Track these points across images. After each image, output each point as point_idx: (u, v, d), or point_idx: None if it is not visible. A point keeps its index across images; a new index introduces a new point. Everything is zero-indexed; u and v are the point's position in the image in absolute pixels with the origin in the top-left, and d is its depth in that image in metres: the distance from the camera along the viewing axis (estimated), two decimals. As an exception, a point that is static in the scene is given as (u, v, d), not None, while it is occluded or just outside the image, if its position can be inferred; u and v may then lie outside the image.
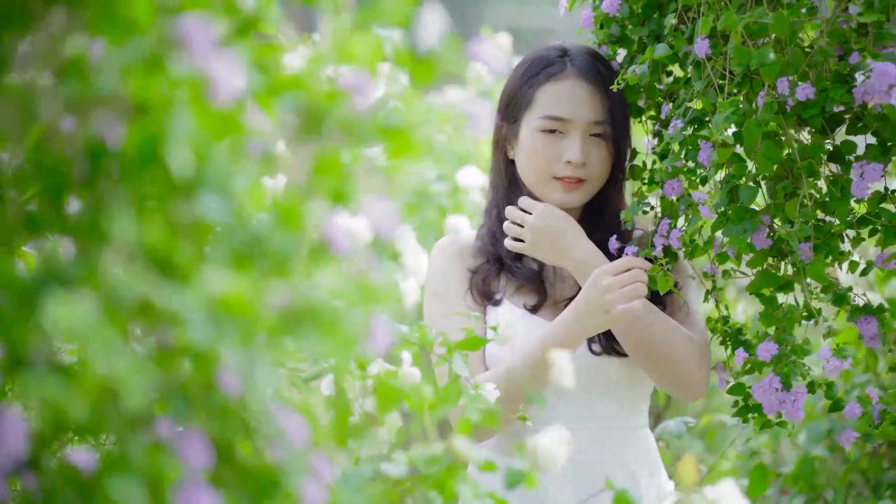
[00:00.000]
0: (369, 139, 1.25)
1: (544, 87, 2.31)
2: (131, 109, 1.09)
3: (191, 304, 1.11)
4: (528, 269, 2.35)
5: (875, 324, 2.13)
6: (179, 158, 1.11)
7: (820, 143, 2.08)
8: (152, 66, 1.09)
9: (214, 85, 1.13)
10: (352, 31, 1.28)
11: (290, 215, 1.22)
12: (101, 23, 1.09)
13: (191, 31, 1.11)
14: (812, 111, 2.03)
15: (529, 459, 1.55)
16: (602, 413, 2.32)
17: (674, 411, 4.08)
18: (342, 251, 1.23)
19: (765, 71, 2.01)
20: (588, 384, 2.30)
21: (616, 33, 2.31)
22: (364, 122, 1.24)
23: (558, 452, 1.55)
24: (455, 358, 1.79)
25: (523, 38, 10.47)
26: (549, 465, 1.55)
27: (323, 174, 1.22)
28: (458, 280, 2.35)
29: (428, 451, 1.57)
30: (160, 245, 1.12)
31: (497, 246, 2.36)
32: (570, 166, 2.30)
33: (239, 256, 1.15)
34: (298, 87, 1.23)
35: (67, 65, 1.10)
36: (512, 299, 2.34)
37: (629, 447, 2.34)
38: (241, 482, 1.17)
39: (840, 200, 2.08)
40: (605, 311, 2.17)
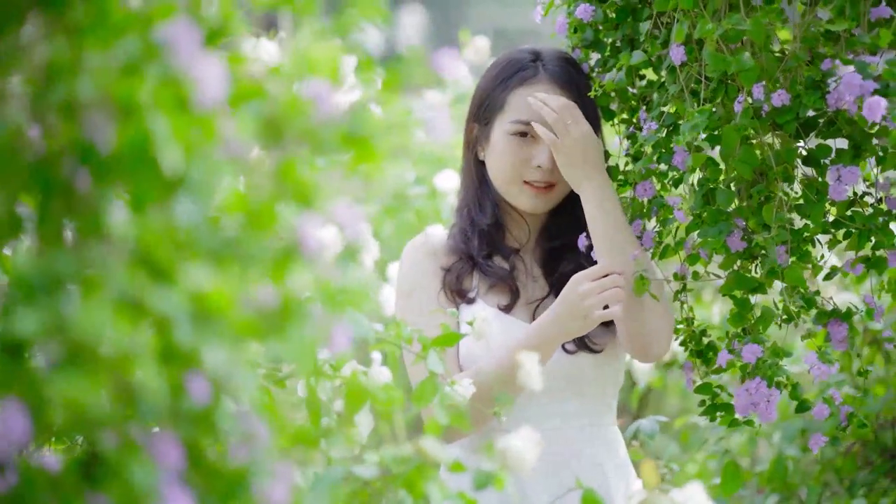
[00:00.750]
0: (331, 148, 1.28)
1: (517, 90, 2.33)
2: (116, 112, 1.12)
3: (178, 305, 1.14)
4: (500, 268, 2.37)
5: (845, 328, 2.16)
6: (170, 159, 1.14)
7: (794, 148, 2.11)
8: (137, 69, 1.12)
9: (200, 88, 1.16)
10: (313, 42, 1.31)
11: (260, 218, 1.25)
12: (86, 27, 1.12)
13: (176, 35, 1.14)
14: (787, 117, 2.06)
15: (499, 460, 1.57)
16: (574, 411, 2.34)
17: (651, 411, 4.11)
18: (313, 254, 1.26)
19: (742, 77, 2.04)
20: (561, 382, 2.33)
21: (589, 38, 2.33)
22: (326, 131, 1.27)
23: (528, 453, 1.57)
24: (431, 355, 1.81)
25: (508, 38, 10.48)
26: (519, 466, 1.57)
27: (286, 180, 1.25)
28: (430, 279, 2.36)
29: (398, 451, 1.59)
30: (151, 245, 1.14)
31: (469, 244, 2.37)
32: (539, 171, 2.32)
33: (216, 257, 1.18)
34: (261, 96, 1.26)
35: (53, 68, 1.12)
36: (485, 298, 2.36)
37: (600, 445, 2.36)
38: (208, 484, 1.20)
39: (815, 204, 2.11)
40: (583, 317, 2.19)
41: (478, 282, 2.37)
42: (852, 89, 1.97)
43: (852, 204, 2.16)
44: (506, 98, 2.34)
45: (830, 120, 2.11)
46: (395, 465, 1.57)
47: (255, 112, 1.25)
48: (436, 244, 2.40)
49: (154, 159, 1.12)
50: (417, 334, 1.80)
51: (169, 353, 1.16)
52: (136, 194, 1.14)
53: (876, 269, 2.16)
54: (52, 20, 1.14)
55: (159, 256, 1.14)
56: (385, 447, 1.62)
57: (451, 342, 1.82)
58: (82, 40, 1.12)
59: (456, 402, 1.74)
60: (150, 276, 1.15)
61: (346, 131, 1.28)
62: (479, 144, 2.39)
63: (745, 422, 2.17)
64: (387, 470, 1.58)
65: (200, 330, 1.16)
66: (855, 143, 2.11)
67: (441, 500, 1.58)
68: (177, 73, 1.14)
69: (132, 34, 1.13)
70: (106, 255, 1.12)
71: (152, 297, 1.13)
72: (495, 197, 2.38)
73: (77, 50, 1.13)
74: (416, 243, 2.41)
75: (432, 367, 1.78)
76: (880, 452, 3.33)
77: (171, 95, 1.15)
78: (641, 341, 2.28)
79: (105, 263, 1.12)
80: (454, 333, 1.83)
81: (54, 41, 1.13)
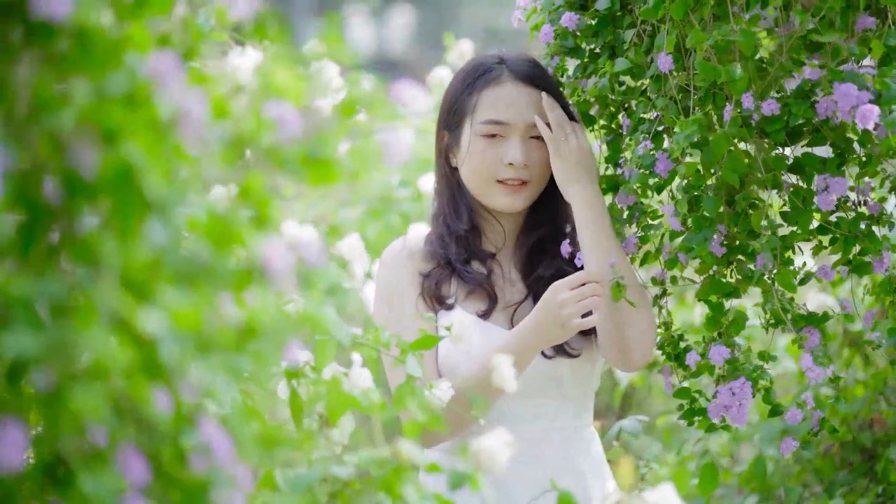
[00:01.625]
0: (293, 168, 1.33)
1: (483, 92, 2.36)
2: (100, 141, 1.16)
3: (162, 324, 1.18)
4: (478, 273, 2.39)
5: (818, 336, 2.19)
6: (151, 186, 1.18)
7: (782, 156, 2.14)
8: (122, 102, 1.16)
9: (186, 120, 1.21)
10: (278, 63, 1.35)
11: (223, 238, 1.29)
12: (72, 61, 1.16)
13: (163, 68, 1.18)
14: (776, 126, 2.10)
15: (473, 462, 1.60)
16: (553, 414, 2.37)
17: (633, 411, 4.14)
18: (277, 275, 1.31)
19: (732, 86, 2.06)
20: (540, 386, 2.35)
21: (569, 45, 2.36)
22: (288, 151, 1.32)
23: (501, 454, 1.60)
24: (409, 359, 1.84)
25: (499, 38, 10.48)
26: (493, 467, 1.60)
27: (246, 200, 1.30)
28: (409, 284, 2.38)
29: (376, 453, 1.62)
30: (132, 268, 1.19)
31: (447, 250, 2.39)
32: (512, 168, 2.34)
33: (185, 278, 1.22)
34: (226, 116, 1.31)
35: (39, 99, 1.16)
36: (463, 305, 2.37)
37: (578, 447, 2.39)
38: (168, 494, 1.24)
39: (803, 211, 2.14)
40: (562, 325, 2.22)
41: (456, 288, 2.38)
42: (848, 100, 2.01)
43: (836, 210, 2.18)
44: (473, 101, 2.37)
45: (815, 128, 2.14)
46: (374, 466, 1.60)
47: (220, 132, 1.29)
48: (414, 249, 2.41)
49: (135, 186, 1.16)
50: (395, 339, 1.83)
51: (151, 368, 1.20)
52: (117, 219, 1.18)
53: (858, 274, 2.19)
54: (39, 53, 1.18)
55: (139, 278, 1.18)
56: (363, 449, 1.65)
57: (429, 346, 1.84)
58: (68, 72, 1.16)
59: (433, 406, 1.77)
60: (134, 298, 1.19)
61: (308, 152, 1.33)
62: (451, 151, 2.42)
63: (722, 426, 2.20)
64: (365, 471, 1.61)
65: (182, 347, 1.20)
66: (840, 150, 2.14)
67: (418, 501, 1.60)
68: (161, 107, 1.19)
69: (118, 68, 1.17)
70: (93, 278, 1.16)
71: (138, 318, 1.17)
72: (470, 202, 2.40)
73: (63, 81, 1.17)
74: (395, 248, 2.43)
75: (410, 371, 1.81)
76: (859, 453, 3.35)
77: (154, 127, 1.19)
78: (624, 351, 2.31)
79: (93, 286, 1.16)
80: (432, 337, 1.85)
81: (41, 72, 1.17)
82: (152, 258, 1.19)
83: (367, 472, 1.62)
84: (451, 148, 2.42)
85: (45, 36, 1.16)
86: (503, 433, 1.59)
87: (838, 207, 2.18)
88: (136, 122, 1.18)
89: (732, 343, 2.19)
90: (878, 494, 3.18)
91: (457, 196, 2.41)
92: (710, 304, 2.23)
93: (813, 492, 3.40)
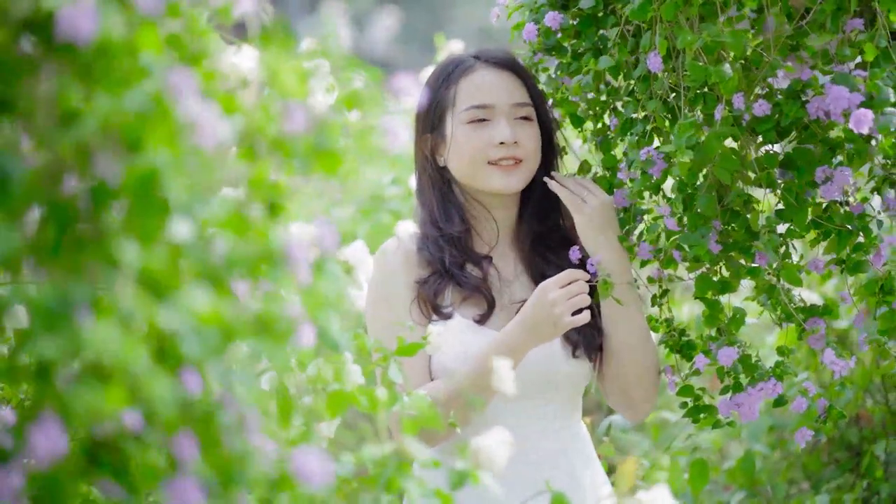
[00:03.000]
0: (300, 159, 1.36)
1: (461, 82, 2.38)
2: (124, 151, 1.20)
3: (183, 322, 1.21)
4: (474, 276, 2.38)
5: (822, 324, 2.22)
6: (175, 194, 1.22)
7: (774, 154, 2.17)
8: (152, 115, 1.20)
9: (202, 131, 1.25)
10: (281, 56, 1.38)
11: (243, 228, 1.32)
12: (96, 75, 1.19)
13: (179, 82, 1.22)
14: (767, 125, 2.12)
15: (472, 460, 1.62)
16: (552, 414, 2.38)
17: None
18: (298, 264, 1.34)
19: (723, 87, 2.08)
20: (539, 388, 2.36)
21: (551, 43, 2.37)
22: (295, 143, 1.35)
23: (500, 453, 1.62)
24: (391, 365, 1.86)
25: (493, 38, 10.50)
26: (491, 465, 1.62)
27: (258, 190, 1.33)
28: (403, 290, 2.36)
29: (376, 451, 1.64)
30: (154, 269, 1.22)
31: (443, 254, 2.37)
32: (503, 147, 2.35)
33: (209, 274, 1.25)
34: (236, 110, 1.34)
35: (64, 111, 1.19)
36: (460, 310, 2.36)
37: (574, 445, 2.40)
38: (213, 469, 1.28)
39: (797, 208, 2.17)
40: (552, 325, 2.24)
41: (452, 295, 2.37)
42: (841, 102, 2.03)
43: (827, 207, 2.21)
44: (452, 93, 2.38)
45: (804, 126, 2.16)
46: (373, 464, 1.62)
47: (232, 128, 1.33)
48: (409, 253, 2.39)
49: (157, 190, 1.20)
50: (377, 344, 1.83)
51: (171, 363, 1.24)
52: (141, 225, 1.21)
53: (851, 273, 2.21)
54: (64, 66, 1.21)
55: (161, 278, 1.21)
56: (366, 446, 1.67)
57: (411, 353, 1.84)
58: (91, 86, 1.19)
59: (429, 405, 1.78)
60: (155, 297, 1.22)
61: (314, 143, 1.36)
62: (437, 150, 2.42)
63: (727, 423, 2.22)
64: (364, 468, 1.63)
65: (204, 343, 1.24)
66: (830, 146, 2.16)
67: (419, 496, 1.62)
68: (180, 118, 1.23)
69: (138, 83, 1.20)
70: (114, 280, 1.19)
71: (158, 316, 1.20)
72: (460, 202, 2.41)
73: (88, 94, 1.20)
74: (390, 250, 2.40)
75: (392, 377, 1.83)
76: (845, 449, 3.38)
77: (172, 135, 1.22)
78: (630, 405, 2.39)
79: (114, 287, 1.19)
80: (413, 344, 1.85)
81: (64, 84, 1.20)
82: (175, 257, 1.22)
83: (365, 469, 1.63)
84: (436, 147, 2.42)
85: (69, 53, 1.19)
86: (502, 432, 1.60)
87: (829, 207, 2.21)
88: (155, 131, 1.21)
89: (736, 341, 2.21)
90: (863, 489, 3.21)
91: (447, 198, 2.41)
92: (706, 301, 2.26)
93: (799, 488, 3.42)
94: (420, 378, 2.33)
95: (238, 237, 1.31)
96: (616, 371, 2.37)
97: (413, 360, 2.29)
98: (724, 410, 2.21)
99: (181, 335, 1.20)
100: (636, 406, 2.39)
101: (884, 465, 3.20)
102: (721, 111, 2.11)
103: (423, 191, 2.45)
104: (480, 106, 2.36)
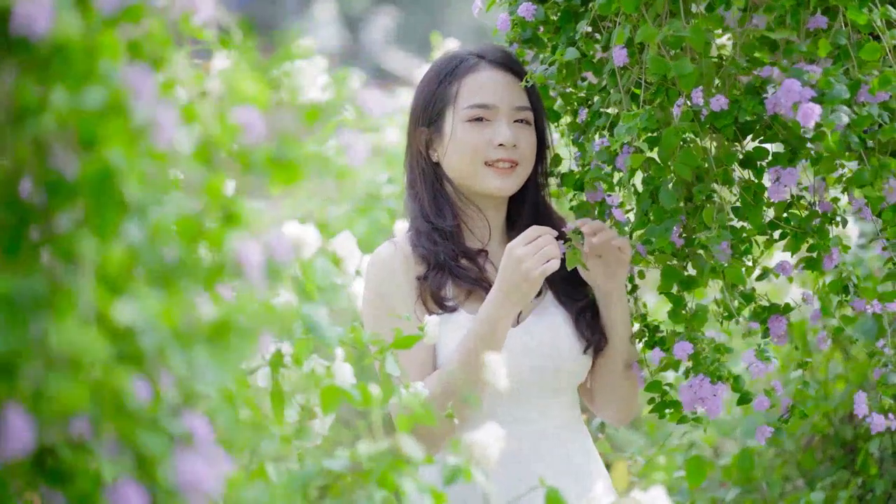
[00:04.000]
0: (259, 170, 1.38)
1: (464, 80, 2.38)
2: (80, 148, 1.21)
3: (141, 317, 1.22)
4: (472, 270, 2.38)
5: (783, 323, 2.24)
6: (130, 191, 1.23)
7: (733, 151, 2.18)
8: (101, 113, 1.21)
9: (159, 131, 1.27)
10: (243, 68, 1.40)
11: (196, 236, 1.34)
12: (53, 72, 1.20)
13: (137, 82, 1.23)
14: (725, 120, 2.13)
15: (466, 456, 1.63)
16: (553, 413, 2.39)
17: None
18: (252, 272, 1.35)
19: (682, 81, 2.10)
20: (539, 389, 2.37)
21: (528, 35, 2.38)
22: (254, 154, 1.37)
23: (493, 449, 1.63)
24: (387, 359, 1.87)
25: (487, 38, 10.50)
26: (485, 461, 1.63)
27: (213, 199, 1.35)
28: (405, 289, 2.36)
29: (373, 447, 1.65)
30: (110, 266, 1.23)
31: (437, 247, 2.38)
32: (502, 149, 2.36)
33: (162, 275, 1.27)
34: (194, 120, 1.36)
35: (21, 107, 1.21)
36: (466, 307, 2.36)
37: (574, 443, 2.41)
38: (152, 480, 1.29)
39: (753, 207, 2.18)
40: (525, 280, 2.24)
41: (454, 290, 2.37)
42: (791, 95, 2.04)
43: (790, 206, 2.23)
44: (454, 89, 2.38)
45: (767, 125, 2.18)
46: (367, 460, 1.63)
47: (190, 137, 1.34)
48: (406, 253, 2.39)
49: (114, 188, 1.21)
50: (375, 337, 1.85)
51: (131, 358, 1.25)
52: (96, 219, 1.22)
53: (809, 269, 2.23)
54: (21, 63, 1.23)
55: (116, 274, 1.23)
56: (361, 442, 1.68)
57: (408, 345, 1.87)
58: (47, 82, 1.21)
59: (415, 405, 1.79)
60: (111, 293, 1.23)
61: (273, 155, 1.38)
62: (432, 145, 2.42)
63: (693, 418, 2.24)
64: (358, 465, 1.64)
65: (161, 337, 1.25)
66: (791, 147, 2.18)
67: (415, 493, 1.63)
68: (135, 116, 1.24)
69: (95, 81, 1.22)
70: (73, 276, 1.21)
71: (115, 311, 1.21)
72: (452, 199, 2.41)
73: (45, 91, 1.22)
74: (387, 252, 2.39)
75: (388, 370, 1.84)
76: (840, 446, 3.38)
77: (128, 134, 1.24)
78: (614, 410, 2.43)
79: (73, 283, 1.20)
80: (412, 336, 1.88)
81: (21, 81, 1.22)
82: (128, 256, 1.23)
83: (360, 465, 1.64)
84: (431, 142, 2.42)
85: (24, 49, 1.22)
86: (495, 428, 1.61)
87: (792, 205, 2.22)
88: (112, 129, 1.23)
89: (695, 338, 2.23)
90: (858, 487, 3.21)
91: (438, 193, 2.41)
92: (670, 297, 2.28)
93: (794, 485, 3.43)
94: (421, 372, 2.32)
95: (190, 244, 1.33)
96: (606, 399, 2.42)
97: (414, 354, 2.29)
98: (688, 406, 2.23)
99: (138, 330, 1.22)
100: (623, 420, 2.46)
101: (878, 462, 3.21)
102: (681, 106, 2.12)
103: (413, 184, 2.46)
104: (483, 105, 2.37)
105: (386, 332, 2.25)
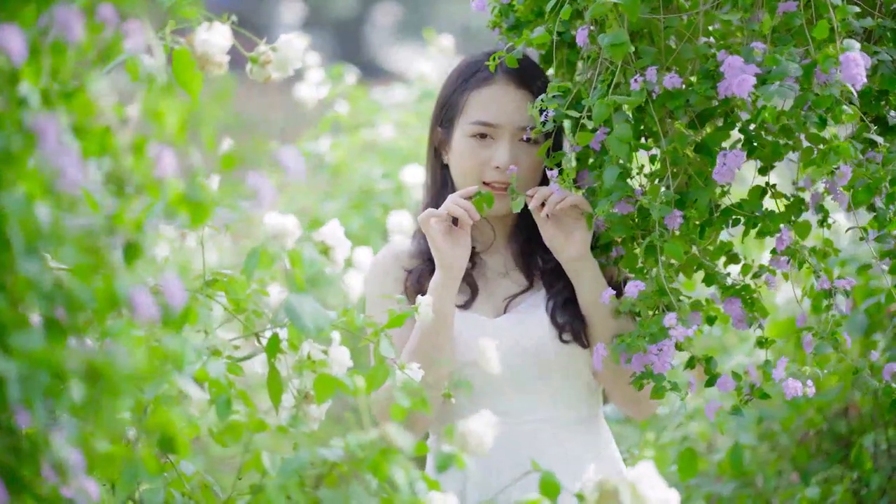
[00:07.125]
0: (168, 207, 1.40)
1: (474, 92, 2.37)
2: None
3: (10, 367, 1.25)
4: None
5: (738, 304, 2.24)
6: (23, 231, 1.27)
7: (684, 134, 2.18)
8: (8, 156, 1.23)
9: (63, 176, 1.31)
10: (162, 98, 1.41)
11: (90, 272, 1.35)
12: None
13: (44, 126, 1.26)
14: (677, 102, 2.13)
15: (459, 444, 1.63)
16: (550, 405, 2.40)
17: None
18: (144, 315, 1.37)
19: (613, 50, 2.10)
20: (531, 381, 2.37)
21: (511, 22, 2.39)
22: (165, 189, 1.40)
23: (487, 437, 1.63)
24: (382, 341, 1.87)
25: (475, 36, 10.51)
26: (479, 450, 1.63)
27: (119, 226, 1.38)
28: (393, 283, 2.41)
29: (363, 436, 1.65)
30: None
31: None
32: (498, 171, 2.35)
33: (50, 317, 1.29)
34: (109, 150, 1.37)
35: None
36: None
37: (577, 439, 2.42)
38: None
39: (702, 190, 2.18)
40: (432, 238, 2.28)
41: None
42: (734, 71, 2.04)
43: (764, 194, 2.23)
44: (464, 100, 2.38)
45: (726, 114, 2.19)
46: (361, 449, 1.63)
47: (99, 165, 1.36)
48: (399, 251, 2.44)
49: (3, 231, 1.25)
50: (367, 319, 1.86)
51: None
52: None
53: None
54: None
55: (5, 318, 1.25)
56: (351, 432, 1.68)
57: (398, 324, 1.89)
58: None
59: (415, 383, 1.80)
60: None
61: (183, 194, 1.40)
62: (443, 148, 2.44)
63: (672, 387, 2.22)
64: (352, 454, 1.64)
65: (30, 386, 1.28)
66: (748, 137, 2.18)
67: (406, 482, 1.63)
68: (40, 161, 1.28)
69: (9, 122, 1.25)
70: None
71: None
72: None
73: None
74: (379, 257, 2.45)
75: (383, 352, 1.85)
76: (834, 441, 3.39)
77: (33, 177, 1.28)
78: (634, 405, 2.41)
79: None
80: (401, 315, 1.90)
81: None
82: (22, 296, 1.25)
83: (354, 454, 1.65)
84: (443, 145, 2.44)
85: None
86: (488, 415, 1.62)
87: (765, 193, 2.24)
88: (15, 172, 1.24)
89: (646, 277, 2.24)
90: (852, 481, 3.21)
91: (444, 192, 2.43)
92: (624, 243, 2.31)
93: (789, 479, 3.43)
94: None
95: (84, 282, 1.33)
96: (625, 396, 2.40)
97: (399, 335, 2.29)
98: (637, 366, 2.21)
99: (7, 379, 1.24)
100: (643, 414, 2.43)
101: (873, 456, 3.21)
102: (638, 81, 2.13)
103: (428, 176, 2.49)
104: (486, 123, 2.37)
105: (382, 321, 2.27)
